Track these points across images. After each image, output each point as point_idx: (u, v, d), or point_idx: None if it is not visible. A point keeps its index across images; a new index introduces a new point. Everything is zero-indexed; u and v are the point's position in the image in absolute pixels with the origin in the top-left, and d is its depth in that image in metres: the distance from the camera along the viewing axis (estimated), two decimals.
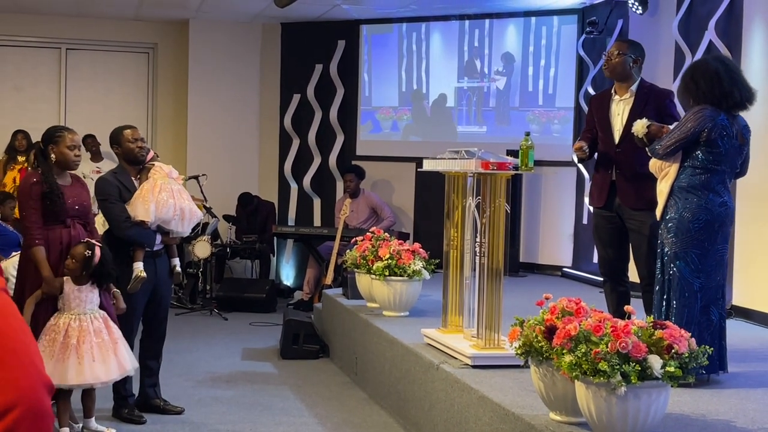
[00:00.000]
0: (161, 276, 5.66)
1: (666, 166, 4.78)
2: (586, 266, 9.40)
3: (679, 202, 4.68)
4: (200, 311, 9.60)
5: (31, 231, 4.96)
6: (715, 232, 4.66)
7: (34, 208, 4.95)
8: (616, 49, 5.61)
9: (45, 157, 5.07)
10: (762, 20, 7.01)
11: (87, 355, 4.96)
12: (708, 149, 4.63)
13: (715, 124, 4.61)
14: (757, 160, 6.91)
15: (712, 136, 4.61)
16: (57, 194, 4.97)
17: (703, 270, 4.64)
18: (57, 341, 4.95)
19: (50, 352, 4.93)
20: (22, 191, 5.00)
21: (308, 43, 11.31)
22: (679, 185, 4.70)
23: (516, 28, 10.27)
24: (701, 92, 4.70)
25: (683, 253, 4.64)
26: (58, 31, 11.29)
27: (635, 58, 5.60)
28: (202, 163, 10.83)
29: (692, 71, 4.81)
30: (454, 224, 5.49)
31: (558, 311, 3.81)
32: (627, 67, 5.58)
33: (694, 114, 4.65)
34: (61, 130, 5.15)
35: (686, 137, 4.63)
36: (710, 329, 4.63)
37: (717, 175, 4.68)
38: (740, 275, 7.14)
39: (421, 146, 10.54)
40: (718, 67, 4.73)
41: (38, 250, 4.96)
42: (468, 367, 4.87)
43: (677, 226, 4.66)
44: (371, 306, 6.84)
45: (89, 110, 11.35)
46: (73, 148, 5.12)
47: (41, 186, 4.96)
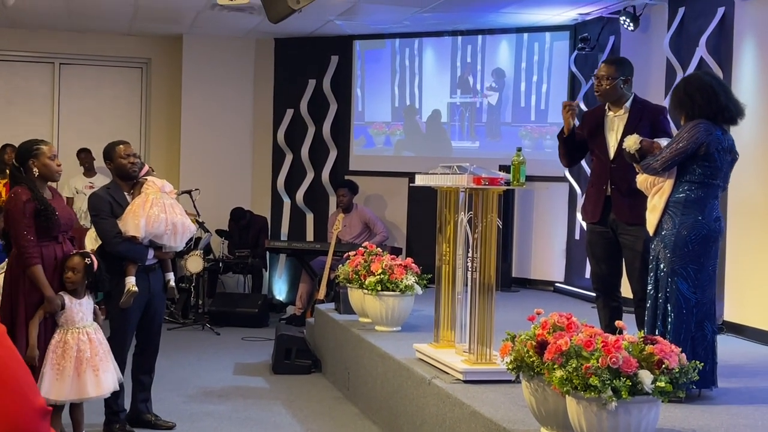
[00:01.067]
0: (155, 291, 5.65)
1: (659, 182, 4.78)
2: (579, 281, 9.41)
3: (675, 217, 4.68)
4: (192, 326, 9.59)
5: (28, 250, 4.90)
6: (710, 247, 4.68)
7: (29, 226, 4.91)
8: (605, 73, 5.60)
9: (27, 173, 5.03)
10: (752, 36, 7.06)
11: (101, 365, 5.01)
12: (706, 164, 4.64)
13: (712, 138, 4.62)
14: (747, 175, 6.97)
15: (710, 151, 4.62)
16: (50, 211, 4.96)
17: (699, 285, 4.65)
18: (70, 357, 4.96)
19: (64, 368, 4.93)
20: (15, 210, 4.92)
21: (301, 59, 11.34)
22: (675, 200, 4.70)
23: (508, 44, 10.31)
24: (697, 106, 4.70)
25: (681, 269, 4.64)
26: (52, 45, 11.31)
27: (625, 78, 5.61)
28: (194, 178, 10.83)
29: (685, 85, 4.81)
30: (446, 239, 5.50)
31: (549, 326, 3.82)
32: (618, 90, 5.59)
33: (690, 129, 4.65)
34: (38, 143, 5.10)
35: (685, 152, 4.63)
36: (704, 344, 4.64)
37: (713, 189, 4.70)
38: (731, 291, 7.16)
39: (413, 161, 10.56)
40: (712, 82, 4.75)
41: (37, 269, 4.92)
42: (460, 382, 4.88)
43: (675, 242, 4.65)
44: (363, 321, 6.84)
45: (82, 125, 11.35)
46: (54, 158, 5.11)
47: (34, 203, 4.93)
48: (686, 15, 7.83)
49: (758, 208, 6.91)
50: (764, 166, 6.89)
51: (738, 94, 7.00)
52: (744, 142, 6.99)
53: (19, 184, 5.03)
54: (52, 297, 4.96)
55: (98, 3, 9.50)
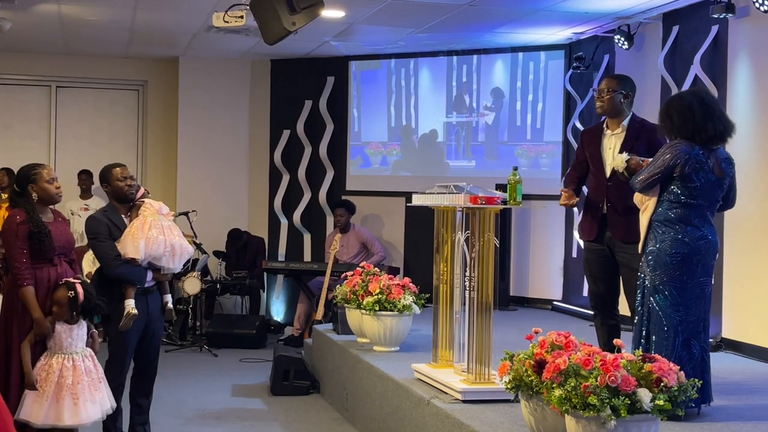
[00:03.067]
0: (153, 313, 5.64)
1: (646, 200, 4.82)
2: (576, 299, 9.41)
3: (657, 235, 4.70)
4: (190, 348, 9.57)
5: (21, 271, 4.91)
6: (694, 266, 4.66)
7: (22, 248, 4.92)
8: (607, 86, 5.63)
9: (25, 197, 5.03)
10: (746, 54, 7.09)
11: (82, 395, 4.96)
12: (682, 184, 4.65)
13: (690, 158, 4.62)
14: (743, 193, 6.96)
15: (686, 171, 4.63)
16: (45, 233, 4.96)
17: (682, 303, 4.63)
18: (51, 381, 4.93)
19: (44, 392, 4.91)
20: (8, 231, 4.94)
21: (298, 80, 11.37)
22: (656, 219, 4.73)
23: (504, 64, 10.35)
24: (675, 127, 4.74)
25: (661, 286, 4.65)
26: (48, 68, 11.33)
27: (626, 93, 5.64)
28: (191, 200, 10.83)
29: (667, 106, 4.84)
30: (443, 258, 5.50)
31: (547, 345, 3.83)
32: (618, 104, 5.62)
33: (667, 149, 4.69)
34: (36, 167, 5.12)
35: (660, 172, 4.66)
36: (692, 363, 4.62)
37: (695, 209, 4.69)
38: (730, 308, 7.16)
39: (410, 181, 10.58)
40: (692, 102, 4.74)
41: (28, 290, 4.93)
42: (459, 402, 4.87)
43: (656, 259, 4.68)
44: (362, 341, 6.83)
45: (79, 148, 11.37)
46: (53, 181, 5.12)
47: (28, 225, 4.94)
48: (680, 33, 7.87)
49: (755, 225, 6.93)
50: (760, 183, 6.90)
51: (732, 111, 7.06)
52: (739, 160, 6.98)
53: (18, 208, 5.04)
54: (40, 319, 4.94)
55: (94, 27, 9.53)
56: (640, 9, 8.01)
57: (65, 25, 9.50)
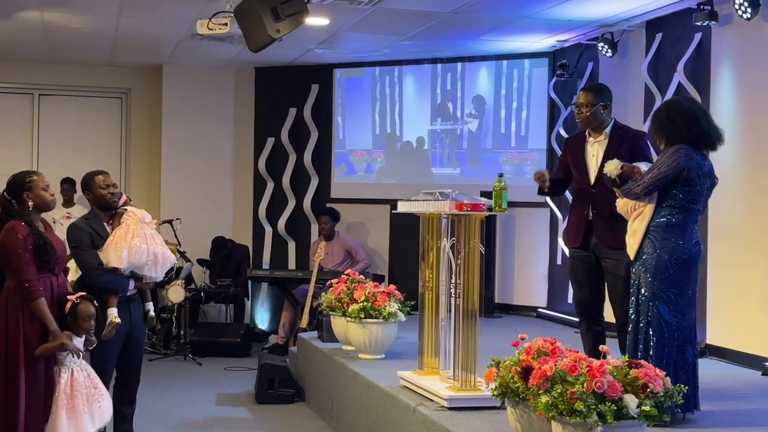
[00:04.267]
0: (135, 321, 5.61)
1: (640, 206, 4.80)
2: (561, 306, 9.42)
3: (656, 242, 4.69)
4: (174, 356, 9.51)
5: (32, 283, 4.81)
6: (690, 271, 4.69)
7: (30, 261, 4.83)
8: (585, 100, 5.67)
9: (21, 206, 4.96)
10: (730, 61, 7.13)
11: (80, 408, 4.90)
12: (686, 188, 4.66)
13: (693, 163, 4.65)
14: (727, 200, 7.01)
15: (691, 176, 4.65)
16: (48, 244, 4.89)
17: (679, 309, 4.66)
18: (81, 394, 4.89)
19: (77, 407, 4.86)
20: (15, 244, 4.82)
21: (282, 87, 11.36)
22: (656, 225, 4.71)
23: (488, 71, 10.37)
24: (678, 131, 4.72)
25: (662, 293, 4.65)
26: (31, 76, 11.27)
27: (605, 104, 5.68)
28: (175, 207, 10.79)
29: (667, 110, 4.83)
30: (429, 266, 5.49)
31: (533, 351, 3.82)
32: (599, 116, 5.66)
33: (671, 154, 4.67)
34: (30, 175, 5.04)
35: (666, 177, 4.65)
36: (685, 368, 4.64)
37: (693, 214, 4.72)
38: (714, 314, 7.18)
39: (395, 188, 10.58)
40: (694, 108, 4.78)
41: (41, 302, 4.82)
42: (445, 409, 4.86)
43: (655, 266, 4.67)
44: (347, 349, 6.81)
45: (62, 156, 11.30)
46: (47, 188, 5.05)
47: (33, 237, 4.86)
48: (664, 41, 7.90)
49: (738, 231, 6.95)
50: (743, 190, 6.93)
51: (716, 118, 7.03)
52: (723, 167, 7.03)
53: (13, 218, 4.94)
54: (56, 331, 4.85)
55: (77, 34, 9.49)
56: (624, 17, 8.04)
57: (48, 33, 9.46)
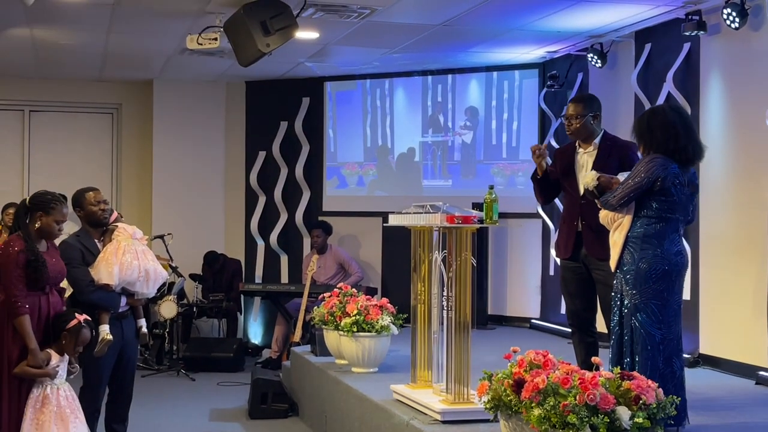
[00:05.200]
0: (128, 338, 5.59)
1: (619, 217, 4.80)
2: (554, 317, 9.42)
3: (635, 252, 4.68)
4: (167, 372, 9.48)
5: (18, 300, 4.80)
6: (673, 282, 4.67)
7: (19, 277, 4.82)
8: (574, 112, 5.69)
9: (29, 222, 4.95)
10: (718, 71, 7.15)
11: (46, 424, 4.85)
12: (662, 198, 4.65)
13: (668, 173, 4.63)
14: (718, 209, 7.02)
15: (666, 185, 4.64)
16: (41, 263, 4.87)
17: (664, 321, 4.63)
18: (50, 411, 4.84)
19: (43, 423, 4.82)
20: (7, 259, 4.84)
21: (273, 101, 11.36)
22: (633, 235, 4.71)
23: (478, 83, 10.39)
24: (655, 142, 4.72)
25: (643, 305, 4.63)
26: (21, 93, 11.25)
27: (594, 114, 5.70)
28: (167, 223, 10.77)
29: (649, 119, 4.81)
30: (421, 278, 5.49)
31: (526, 364, 3.81)
32: (589, 126, 5.69)
33: (646, 164, 4.67)
34: (57, 203, 5.00)
35: (640, 187, 4.65)
36: (673, 381, 4.62)
37: (671, 223, 4.70)
38: (706, 323, 7.18)
39: (387, 201, 10.56)
40: (675, 121, 4.74)
41: (25, 319, 4.80)
42: (438, 422, 4.84)
43: (635, 277, 4.65)
44: (340, 363, 6.80)
45: (53, 172, 11.24)
46: (60, 222, 5.04)
47: (26, 254, 4.85)
48: (653, 51, 7.93)
49: (729, 240, 6.96)
50: (733, 199, 6.94)
51: (705, 128, 7.11)
52: (713, 176, 7.06)
53: (16, 230, 4.96)
54: (35, 350, 4.82)
55: (67, 50, 9.48)
56: (613, 27, 8.07)
57: (38, 49, 9.45)
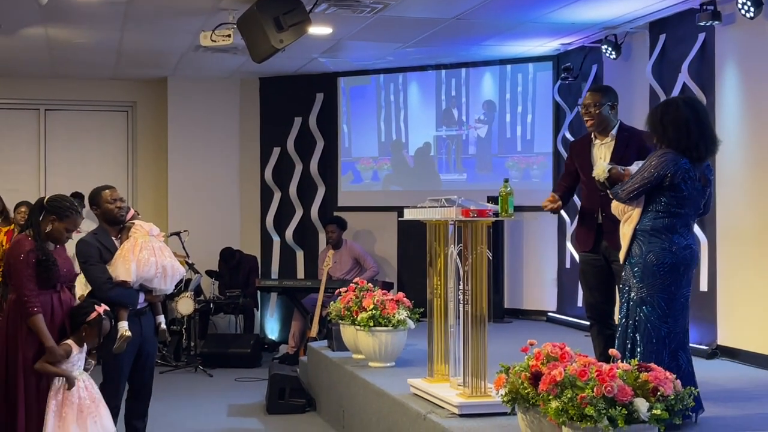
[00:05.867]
0: (147, 334, 5.61)
1: (628, 210, 4.77)
2: (571, 310, 9.40)
3: (642, 245, 4.65)
4: (185, 368, 9.52)
5: (30, 299, 4.84)
6: (681, 276, 4.63)
7: (30, 276, 4.86)
8: (593, 101, 5.65)
9: (42, 222, 4.98)
10: (734, 61, 7.11)
11: (69, 417, 4.90)
12: (672, 193, 4.62)
13: (678, 168, 4.59)
14: (735, 200, 6.99)
15: (676, 181, 4.60)
16: (52, 262, 4.91)
17: (670, 315, 4.59)
18: (71, 403, 4.90)
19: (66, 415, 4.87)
20: (16, 258, 4.88)
21: (287, 97, 11.37)
22: (642, 228, 4.68)
23: (492, 76, 10.37)
24: (667, 138, 4.68)
25: (650, 298, 4.60)
26: (36, 92, 11.32)
27: (611, 104, 5.67)
28: (183, 219, 10.81)
29: (662, 114, 4.75)
30: (437, 272, 5.49)
31: (543, 357, 3.81)
32: (606, 116, 5.66)
33: (656, 158, 4.64)
34: (73, 213, 5.05)
35: (649, 182, 4.62)
36: (680, 374, 4.56)
37: (680, 218, 4.66)
38: (725, 315, 7.15)
39: (402, 195, 10.57)
40: (689, 116, 4.67)
41: (39, 318, 4.85)
42: (455, 416, 4.84)
43: (642, 270, 4.63)
44: (357, 357, 6.81)
45: (69, 171, 11.32)
46: (71, 231, 5.08)
47: (36, 253, 4.89)
48: (667, 41, 7.89)
49: (747, 231, 6.93)
50: (751, 190, 6.91)
51: (721, 118, 7.08)
52: (729, 167, 7.03)
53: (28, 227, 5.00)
54: (53, 347, 4.88)
55: (82, 49, 9.52)
56: (627, 18, 8.03)
57: (53, 48, 9.49)
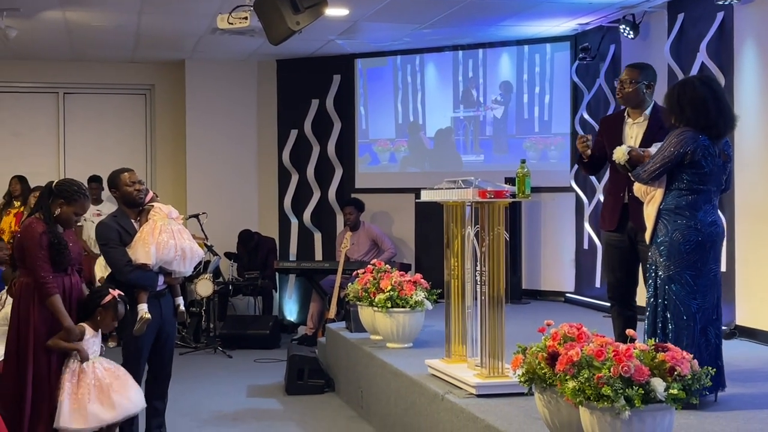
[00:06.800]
0: (166, 316, 5.65)
1: (651, 190, 4.78)
2: (589, 291, 9.40)
3: (668, 224, 4.68)
4: (204, 350, 9.58)
5: (46, 280, 4.91)
6: (707, 252, 4.66)
7: (45, 258, 4.93)
8: (629, 77, 5.55)
9: (51, 205, 5.03)
10: (753, 40, 7.07)
11: (84, 397, 4.96)
12: (693, 171, 4.63)
13: (698, 145, 4.60)
14: (754, 178, 6.96)
15: (696, 158, 4.61)
16: (63, 245, 4.97)
17: (698, 291, 4.63)
18: (87, 385, 4.96)
19: (82, 397, 4.93)
20: (31, 241, 4.93)
21: (304, 79, 11.38)
22: (666, 208, 4.70)
23: (509, 57, 10.34)
24: (686, 118, 4.69)
25: (677, 276, 4.63)
26: (55, 75, 11.37)
27: (648, 83, 5.55)
28: (201, 202, 10.85)
29: (679, 94, 4.75)
30: (454, 254, 5.50)
31: (560, 337, 3.82)
32: (641, 94, 5.55)
33: (675, 137, 4.65)
34: (80, 196, 5.10)
35: (670, 161, 4.63)
36: (709, 350, 4.63)
37: (703, 194, 4.68)
38: (743, 295, 7.14)
39: (419, 177, 10.57)
40: (706, 95, 4.68)
41: (57, 299, 4.93)
42: (473, 396, 4.87)
43: (669, 248, 4.65)
44: (375, 338, 6.84)
45: (88, 153, 11.40)
46: (79, 215, 5.15)
47: (48, 236, 4.94)
48: (686, 21, 7.85)
49: (765, 210, 6.90)
50: None
51: (739, 98, 7.04)
52: (748, 146, 7.00)
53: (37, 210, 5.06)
54: (71, 327, 4.95)
55: (100, 32, 9.56)
56: None
57: (71, 32, 9.53)
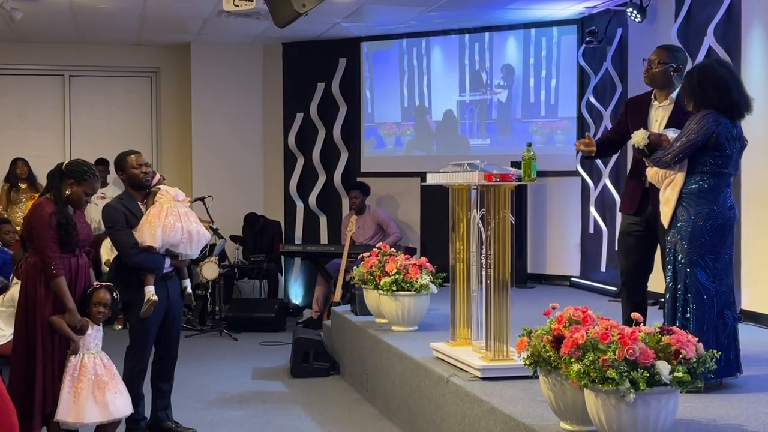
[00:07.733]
0: (173, 298, 5.67)
1: (671, 174, 4.77)
2: (595, 275, 9.40)
3: (690, 208, 4.67)
4: (210, 332, 9.61)
5: (53, 261, 4.94)
6: (726, 236, 4.68)
7: (53, 238, 4.95)
8: (657, 58, 5.49)
9: (61, 186, 5.05)
10: (761, 24, 7.04)
11: (83, 392, 4.98)
12: (716, 153, 4.64)
13: (722, 127, 4.62)
14: (760, 164, 6.95)
15: (720, 140, 4.62)
16: (72, 225, 4.99)
17: (717, 275, 4.65)
18: (88, 379, 4.98)
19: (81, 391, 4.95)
20: (40, 221, 4.96)
21: (310, 62, 11.36)
22: (688, 191, 4.69)
23: (516, 40, 10.31)
24: (708, 99, 4.67)
25: (699, 259, 4.63)
26: (61, 58, 11.37)
27: (677, 66, 5.47)
28: (207, 185, 10.86)
29: (699, 76, 4.74)
30: (459, 237, 5.50)
31: (565, 320, 3.82)
32: (668, 76, 5.47)
33: (699, 120, 4.64)
34: (90, 176, 5.11)
35: (695, 143, 4.62)
36: (726, 332, 4.65)
37: (724, 178, 4.69)
38: (749, 279, 7.13)
39: (424, 161, 10.57)
40: (726, 76, 4.70)
41: (61, 280, 4.95)
42: (478, 379, 4.88)
43: (691, 232, 4.65)
44: (380, 322, 6.85)
45: (94, 136, 11.41)
46: (89, 195, 5.17)
47: (57, 217, 4.96)
48: (693, 4, 7.81)
49: None
50: None
51: (747, 82, 6.97)
52: (755, 131, 6.97)
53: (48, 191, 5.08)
54: (73, 309, 4.97)
55: (105, 15, 9.55)
56: None
57: (76, 14, 9.52)
